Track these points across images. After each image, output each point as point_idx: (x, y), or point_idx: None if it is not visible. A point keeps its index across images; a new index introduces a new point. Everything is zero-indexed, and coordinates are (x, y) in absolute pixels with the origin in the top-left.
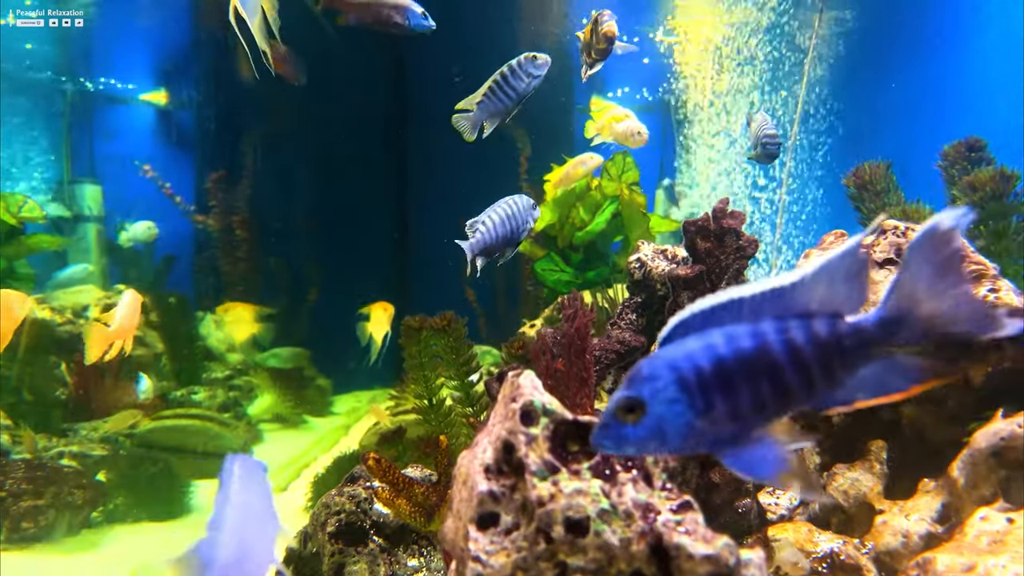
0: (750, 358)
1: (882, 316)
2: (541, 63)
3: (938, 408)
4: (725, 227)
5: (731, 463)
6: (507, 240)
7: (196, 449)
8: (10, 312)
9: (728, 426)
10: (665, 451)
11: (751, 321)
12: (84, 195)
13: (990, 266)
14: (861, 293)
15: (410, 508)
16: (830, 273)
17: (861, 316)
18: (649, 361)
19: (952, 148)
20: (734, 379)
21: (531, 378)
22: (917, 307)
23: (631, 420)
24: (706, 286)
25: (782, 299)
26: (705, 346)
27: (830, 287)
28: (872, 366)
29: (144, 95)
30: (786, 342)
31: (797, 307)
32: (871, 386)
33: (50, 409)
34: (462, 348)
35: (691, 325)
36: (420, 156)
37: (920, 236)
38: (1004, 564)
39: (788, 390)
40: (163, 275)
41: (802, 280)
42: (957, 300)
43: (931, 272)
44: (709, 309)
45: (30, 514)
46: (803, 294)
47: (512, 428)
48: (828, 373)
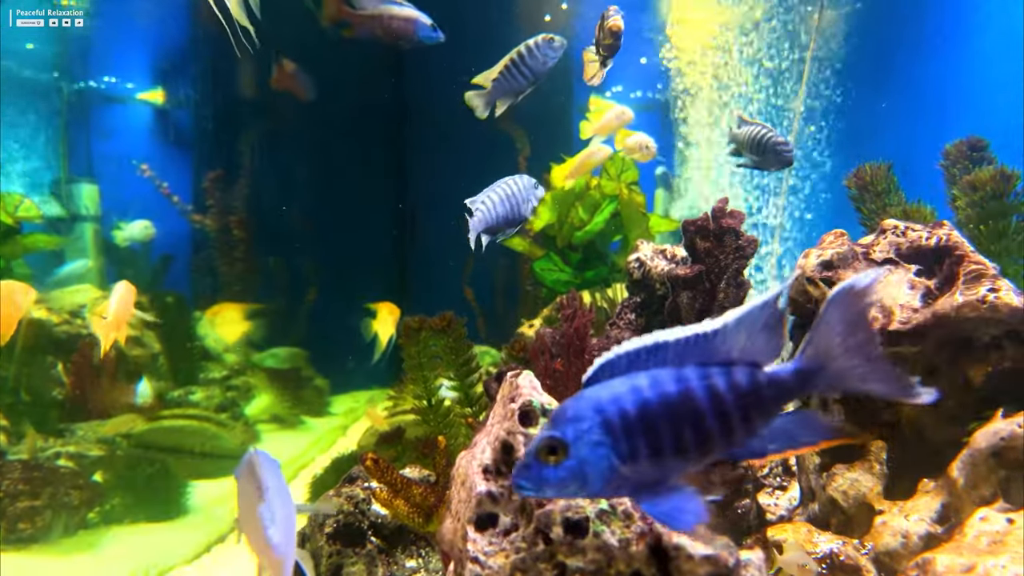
0: (674, 403)
1: (798, 368)
2: (558, 45)
3: (938, 408)
4: (724, 227)
5: (649, 509)
6: (508, 219)
7: (193, 450)
8: (14, 303)
9: (649, 472)
10: (584, 495)
11: (675, 366)
12: (81, 194)
13: (990, 266)
14: (778, 343)
15: (408, 509)
16: (750, 323)
17: (779, 367)
18: (574, 401)
19: (954, 147)
20: (658, 424)
21: (530, 378)
22: (831, 362)
23: (553, 461)
24: (705, 286)
25: (705, 346)
26: (631, 389)
27: (750, 337)
28: (786, 417)
29: (142, 94)
30: (708, 389)
31: (719, 355)
32: (782, 438)
33: (47, 409)
34: (462, 348)
35: (616, 366)
36: (419, 155)
37: (837, 292)
38: (1004, 564)
39: (709, 437)
40: (160, 275)
41: (724, 328)
42: (868, 360)
43: (844, 328)
44: (635, 351)
45: (27, 515)
46: (724, 342)
47: (511, 428)
48: (747, 421)
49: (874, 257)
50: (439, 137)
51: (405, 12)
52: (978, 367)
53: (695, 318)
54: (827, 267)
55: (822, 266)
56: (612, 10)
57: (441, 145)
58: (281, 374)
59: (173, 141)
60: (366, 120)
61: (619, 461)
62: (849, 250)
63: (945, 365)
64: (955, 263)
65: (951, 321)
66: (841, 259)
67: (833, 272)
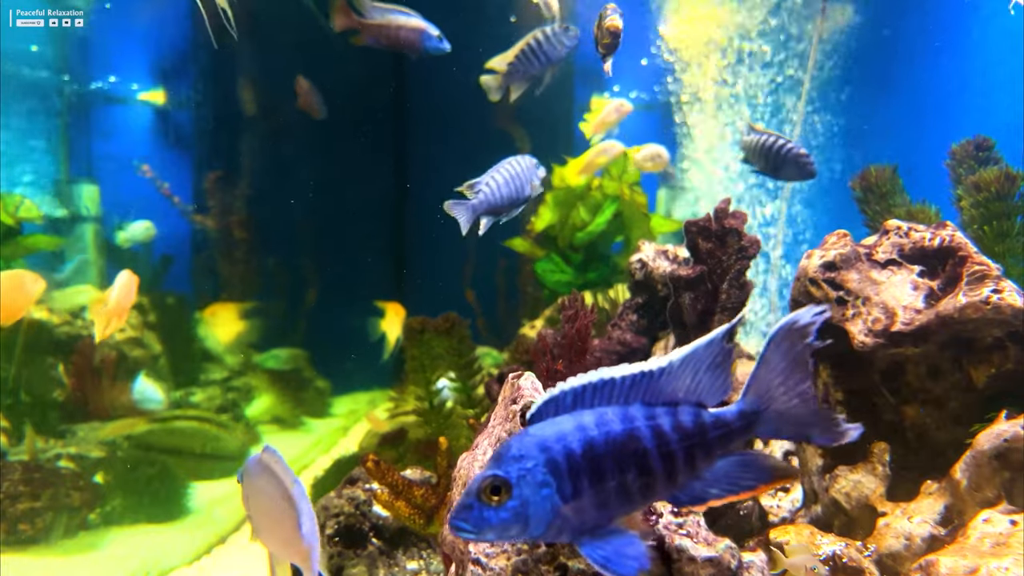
0: (619, 443)
1: (742, 409)
2: (573, 35)
3: (941, 410)
4: (727, 227)
5: (590, 553)
6: (512, 200)
7: (194, 451)
8: (25, 290)
9: (592, 514)
10: (525, 538)
11: (620, 404)
12: (82, 195)
13: (993, 267)
14: (725, 383)
15: (409, 510)
16: (696, 362)
17: (723, 409)
18: (519, 439)
19: (960, 147)
20: (603, 464)
21: (531, 380)
22: (772, 403)
23: (495, 502)
24: (707, 287)
25: (651, 384)
26: (576, 427)
27: (696, 376)
28: (729, 459)
29: (142, 95)
30: (653, 429)
31: (664, 394)
32: (725, 482)
33: (47, 410)
34: (465, 350)
35: (562, 403)
36: (420, 156)
37: (776, 330)
38: (1007, 566)
39: (652, 479)
40: (161, 276)
41: (670, 367)
42: (804, 402)
43: (784, 368)
44: (581, 388)
45: (27, 516)
46: (671, 381)
47: (512, 430)
48: (690, 463)
49: (877, 258)
50: (440, 138)
51: (412, 23)
52: (981, 368)
53: (697, 319)
54: (830, 268)
55: (825, 267)
56: (610, 8)
57: (442, 145)
58: (282, 375)
59: (174, 142)
60: (367, 121)
61: (562, 502)
62: (852, 251)
63: (948, 366)
64: (958, 264)
65: (954, 322)
66: (844, 260)
67: (836, 273)
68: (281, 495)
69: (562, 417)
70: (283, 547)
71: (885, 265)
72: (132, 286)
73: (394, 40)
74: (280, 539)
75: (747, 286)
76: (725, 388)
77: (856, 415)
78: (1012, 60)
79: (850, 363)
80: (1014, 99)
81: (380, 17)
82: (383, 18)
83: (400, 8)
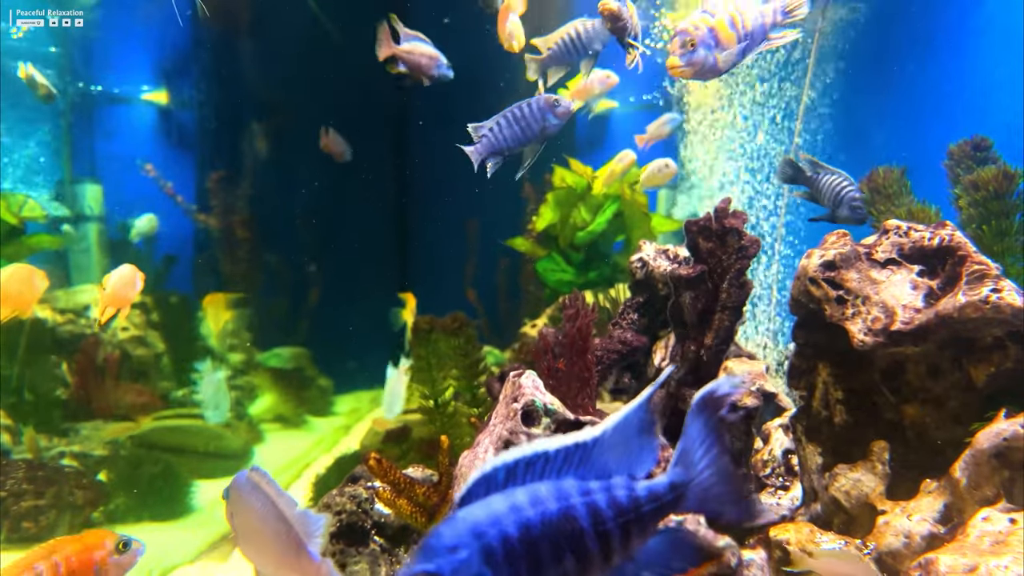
0: (556, 525)
1: (672, 481)
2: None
3: (940, 409)
4: (727, 227)
5: None
6: (519, 140)
7: (197, 449)
8: (32, 284)
9: None
10: None
11: (554, 478)
12: (85, 195)
13: (993, 266)
14: (653, 451)
15: (411, 508)
16: (626, 429)
17: (654, 481)
18: (449, 526)
19: (958, 147)
20: (540, 549)
21: (533, 378)
22: (697, 475)
23: None
24: (708, 286)
25: (584, 457)
26: (510, 508)
27: (627, 445)
28: (660, 539)
29: (145, 94)
30: (588, 507)
31: (597, 466)
32: (657, 566)
33: (51, 409)
34: (471, 350)
35: (494, 481)
36: (421, 156)
37: (696, 401)
38: (1006, 565)
39: (589, 561)
40: (164, 275)
41: (603, 436)
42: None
43: (703, 440)
44: (512, 464)
45: (31, 514)
46: (603, 452)
47: (514, 428)
48: (626, 542)
49: (876, 257)
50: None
51: (432, 52)
52: (981, 367)
53: (697, 318)
54: (829, 267)
55: (824, 266)
56: None
57: (443, 145)
58: (285, 374)
59: (177, 141)
60: (369, 121)
61: None
62: (852, 250)
63: (948, 365)
64: (958, 263)
65: (954, 321)
66: (843, 259)
67: (835, 272)
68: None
69: (494, 497)
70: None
71: (885, 264)
72: (134, 277)
73: (416, 66)
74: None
75: (747, 285)
76: (654, 456)
77: (856, 414)
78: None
79: (850, 362)
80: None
81: (409, 45)
82: (411, 45)
83: (419, 35)
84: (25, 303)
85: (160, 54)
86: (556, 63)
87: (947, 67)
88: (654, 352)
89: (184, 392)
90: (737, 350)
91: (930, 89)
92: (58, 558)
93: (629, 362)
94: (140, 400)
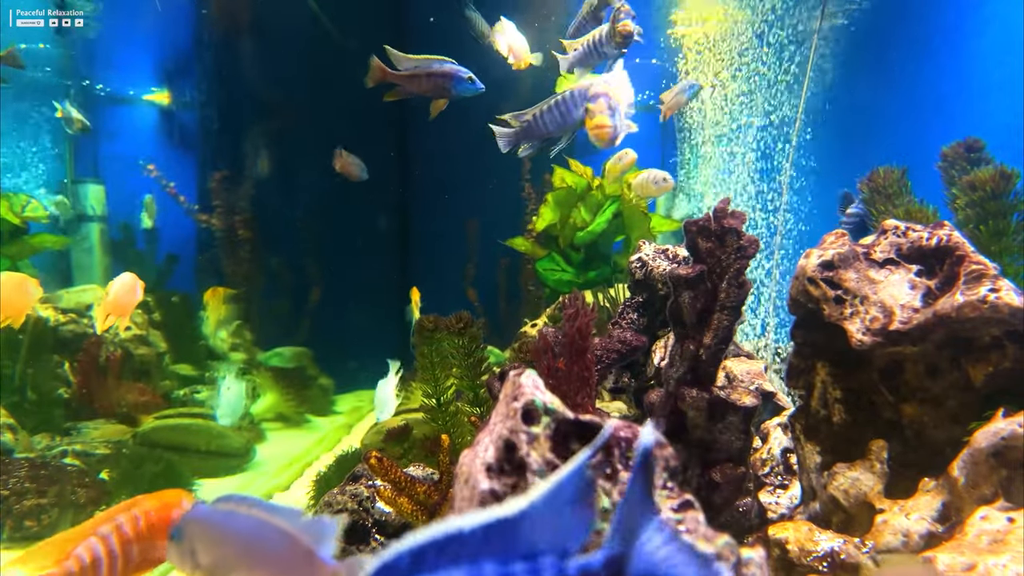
0: None
1: (609, 556)
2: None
3: (938, 408)
4: (726, 227)
5: None
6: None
7: (199, 448)
8: (26, 292)
9: None
10: None
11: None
12: (87, 195)
13: (990, 266)
14: (590, 520)
15: (412, 507)
16: (558, 499)
17: (589, 557)
18: None
19: (951, 149)
20: None
21: (533, 377)
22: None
23: None
24: (707, 286)
25: (506, 534)
26: None
27: (559, 517)
28: None
29: (147, 95)
30: None
31: (522, 544)
32: None
33: (53, 408)
34: (475, 350)
35: (397, 570)
36: (423, 156)
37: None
38: (1005, 563)
39: None
40: (165, 275)
41: (532, 509)
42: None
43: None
44: (419, 549)
45: (33, 513)
46: (530, 527)
47: (514, 427)
48: None
49: (875, 257)
50: (442, 138)
51: (442, 68)
52: (979, 367)
53: (696, 317)
54: (828, 267)
55: (823, 266)
56: (624, 11)
57: (444, 146)
58: (286, 373)
59: (179, 142)
60: (370, 121)
61: None
62: (850, 250)
63: (946, 365)
64: (956, 263)
65: (952, 321)
66: (842, 259)
67: (834, 272)
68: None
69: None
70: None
71: (883, 264)
72: (134, 286)
73: (426, 88)
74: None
75: (746, 285)
76: (590, 525)
77: (854, 413)
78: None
79: (848, 361)
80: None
81: (411, 67)
82: (414, 68)
83: (435, 57)
84: (18, 311)
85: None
86: (582, 65)
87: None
88: (653, 352)
89: (185, 392)
90: (736, 349)
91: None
92: (138, 511)
93: (629, 361)
94: (142, 399)
